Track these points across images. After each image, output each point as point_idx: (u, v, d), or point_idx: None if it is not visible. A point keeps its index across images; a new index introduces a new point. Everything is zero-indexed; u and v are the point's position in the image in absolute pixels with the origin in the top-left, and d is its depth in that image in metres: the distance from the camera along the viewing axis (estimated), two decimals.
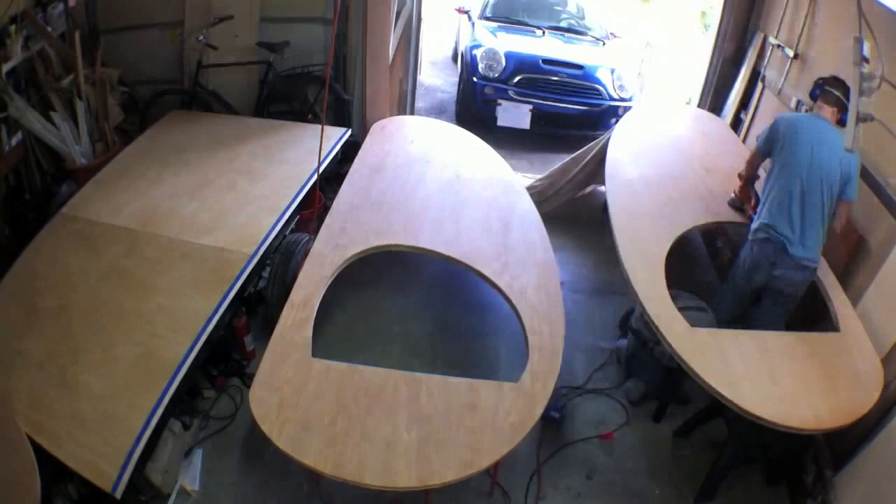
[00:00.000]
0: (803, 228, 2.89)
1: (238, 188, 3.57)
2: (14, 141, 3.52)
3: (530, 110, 6.07)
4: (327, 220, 3.36)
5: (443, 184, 3.84)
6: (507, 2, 7.16)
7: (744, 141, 4.45)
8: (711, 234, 4.50)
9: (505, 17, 6.97)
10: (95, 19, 4.35)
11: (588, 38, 6.94)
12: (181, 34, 4.54)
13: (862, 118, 2.97)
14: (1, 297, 2.79)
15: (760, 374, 2.53)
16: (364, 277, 3.80)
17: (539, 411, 2.40)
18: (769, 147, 3.08)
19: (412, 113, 5.78)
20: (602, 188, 4.17)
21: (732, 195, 3.54)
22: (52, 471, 2.20)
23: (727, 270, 4.18)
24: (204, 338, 2.67)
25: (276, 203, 3.47)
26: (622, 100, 6.19)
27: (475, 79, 6.14)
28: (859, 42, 2.96)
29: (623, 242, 3.19)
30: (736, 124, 4.70)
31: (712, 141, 4.34)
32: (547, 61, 6.16)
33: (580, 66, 6.18)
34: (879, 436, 2.47)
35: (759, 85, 4.46)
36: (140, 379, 2.47)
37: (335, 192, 3.65)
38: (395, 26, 4.76)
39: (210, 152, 3.90)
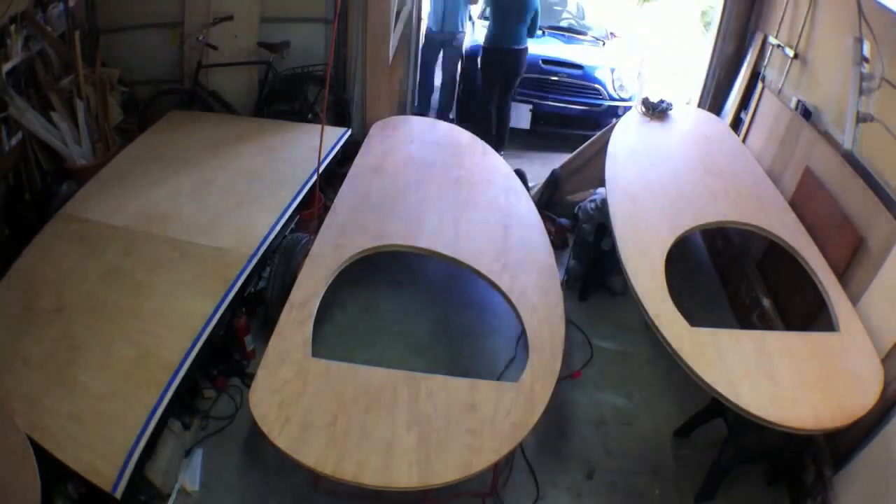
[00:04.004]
0: None
1: (238, 188, 3.57)
2: (14, 141, 3.52)
3: (530, 110, 6.07)
4: (327, 220, 3.36)
5: (443, 184, 3.84)
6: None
7: (744, 141, 4.45)
8: (711, 234, 4.49)
9: None
10: (95, 19, 4.35)
11: (588, 37, 6.93)
12: (181, 34, 4.54)
13: (862, 118, 2.97)
14: (1, 297, 2.79)
15: (760, 374, 2.53)
16: (364, 277, 3.80)
17: (539, 411, 2.40)
18: None
19: (412, 113, 5.78)
20: (601, 189, 4.19)
21: None
22: (52, 471, 2.20)
23: (726, 270, 4.20)
24: (204, 338, 2.67)
25: (276, 203, 3.47)
26: (622, 99, 6.18)
27: (475, 79, 6.14)
28: (859, 42, 2.97)
29: (623, 243, 3.19)
30: (736, 124, 4.70)
31: (712, 141, 4.33)
32: (547, 61, 6.16)
33: (580, 66, 6.17)
34: (879, 436, 2.47)
35: (759, 85, 4.45)
36: (140, 379, 2.47)
37: (335, 192, 3.65)
38: (395, 26, 4.76)
39: (210, 152, 3.90)
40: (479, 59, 5.70)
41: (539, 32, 6.71)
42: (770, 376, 2.52)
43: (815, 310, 3.13)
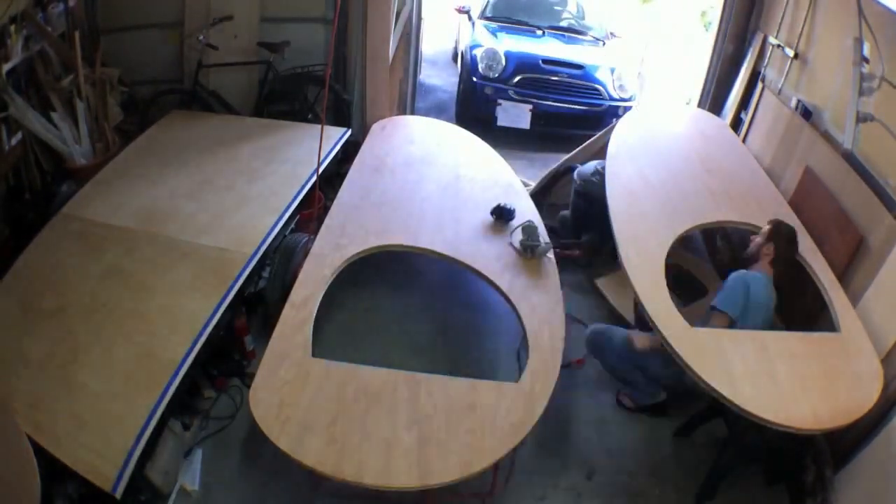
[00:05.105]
0: None
1: (238, 188, 3.57)
2: (14, 141, 3.52)
3: (530, 110, 6.08)
4: (327, 220, 3.36)
5: (443, 184, 3.84)
6: (507, 2, 7.16)
7: (744, 141, 4.45)
8: (711, 233, 4.50)
9: (505, 17, 6.97)
10: (95, 19, 4.34)
11: (588, 37, 6.95)
12: (181, 34, 4.54)
13: (862, 118, 2.98)
14: (1, 297, 2.78)
15: (760, 374, 2.53)
16: (364, 277, 3.80)
17: (539, 411, 2.40)
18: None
19: (412, 113, 5.78)
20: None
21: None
22: (52, 471, 2.20)
23: (727, 270, 4.19)
24: (204, 338, 2.67)
25: (276, 203, 3.47)
26: (622, 100, 6.19)
27: (475, 79, 6.14)
28: (859, 42, 2.97)
29: (623, 242, 3.19)
30: (736, 124, 4.70)
31: (712, 141, 4.33)
32: (547, 61, 6.17)
33: (580, 66, 6.19)
34: (879, 436, 2.48)
35: (759, 85, 4.45)
36: (140, 379, 2.47)
37: (335, 192, 3.65)
38: (395, 26, 4.76)
39: (210, 152, 3.90)
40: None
41: (539, 32, 6.76)
42: (770, 376, 2.52)
43: (815, 310, 3.13)
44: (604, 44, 6.90)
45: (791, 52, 4.00)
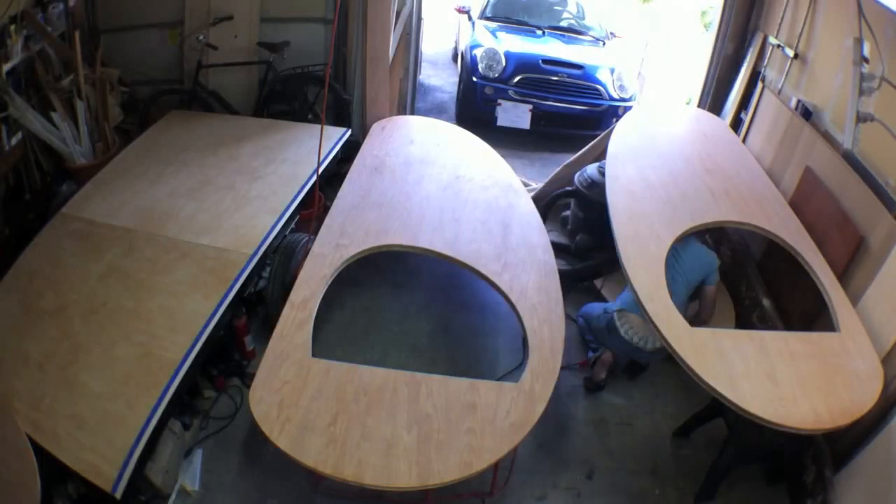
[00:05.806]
0: None
1: (238, 188, 3.57)
2: (14, 141, 3.52)
3: (530, 110, 6.08)
4: (327, 220, 3.36)
5: (443, 184, 3.84)
6: (507, 2, 7.17)
7: (744, 141, 4.45)
8: (711, 234, 4.49)
9: (505, 17, 6.98)
10: (95, 19, 4.35)
11: (588, 37, 6.95)
12: (181, 34, 4.55)
13: (862, 118, 2.98)
14: (1, 297, 2.79)
15: (760, 374, 2.53)
16: (364, 277, 3.80)
17: (539, 411, 2.40)
18: None
19: (412, 113, 5.78)
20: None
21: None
22: (52, 471, 2.20)
23: (727, 270, 4.20)
24: (204, 338, 2.67)
25: (276, 203, 3.47)
26: (622, 100, 6.19)
27: (475, 79, 6.15)
28: (859, 42, 2.97)
29: (623, 242, 3.19)
30: (736, 124, 4.70)
31: (712, 141, 4.33)
32: (547, 61, 6.17)
33: (580, 66, 6.19)
34: (879, 436, 2.48)
35: (759, 85, 4.45)
36: (140, 379, 2.47)
37: (335, 192, 3.65)
38: (395, 26, 4.76)
39: (210, 152, 3.90)
40: None
41: (539, 32, 6.76)
42: (770, 376, 2.52)
43: (815, 310, 3.13)
44: (604, 44, 6.90)
45: (791, 52, 3.99)
